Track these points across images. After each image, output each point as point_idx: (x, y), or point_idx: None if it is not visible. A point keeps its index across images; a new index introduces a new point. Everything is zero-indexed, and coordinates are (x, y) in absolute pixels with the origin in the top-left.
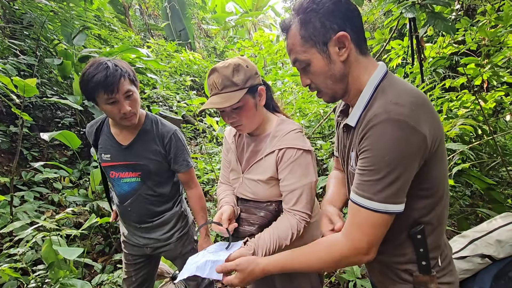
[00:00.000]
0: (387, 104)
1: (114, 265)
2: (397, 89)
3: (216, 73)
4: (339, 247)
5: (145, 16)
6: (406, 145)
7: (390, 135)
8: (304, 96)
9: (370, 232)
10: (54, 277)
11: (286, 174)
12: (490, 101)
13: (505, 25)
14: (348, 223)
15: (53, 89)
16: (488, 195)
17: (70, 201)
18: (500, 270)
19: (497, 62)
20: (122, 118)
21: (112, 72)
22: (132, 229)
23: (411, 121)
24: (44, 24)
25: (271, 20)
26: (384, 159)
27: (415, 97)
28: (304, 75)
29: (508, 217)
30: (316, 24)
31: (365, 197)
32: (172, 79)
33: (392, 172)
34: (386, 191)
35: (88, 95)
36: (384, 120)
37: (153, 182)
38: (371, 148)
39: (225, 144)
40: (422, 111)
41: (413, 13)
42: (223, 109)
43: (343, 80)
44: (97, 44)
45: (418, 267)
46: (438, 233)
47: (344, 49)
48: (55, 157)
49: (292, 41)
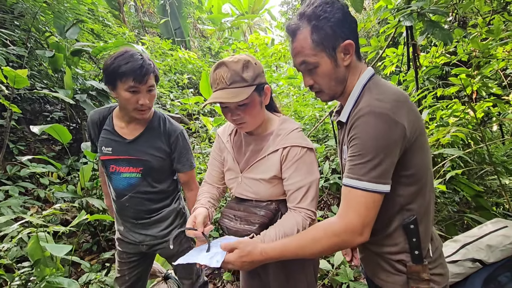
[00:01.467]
0: (371, 100)
1: (102, 264)
2: (380, 89)
3: (225, 67)
4: (334, 227)
5: (140, 13)
6: (387, 133)
7: (373, 124)
8: (299, 99)
9: (363, 211)
10: (40, 275)
11: (291, 173)
12: (479, 111)
13: (495, 38)
14: (341, 206)
15: (43, 82)
16: (475, 201)
17: (58, 197)
18: (490, 274)
19: (486, 74)
20: (135, 110)
21: (147, 64)
22: (129, 225)
23: (391, 114)
24: (36, 15)
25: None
26: (368, 144)
27: (396, 95)
28: (309, 76)
29: (498, 223)
30: (327, 31)
31: (355, 178)
32: (166, 77)
33: (376, 156)
34: (372, 172)
35: (111, 78)
36: (368, 112)
37: (153, 179)
38: (357, 137)
39: (217, 143)
40: (401, 106)
41: (411, 22)
42: (228, 104)
43: (343, 82)
44: (90, 38)
45: (411, 256)
46: (427, 223)
47: (348, 56)
48: (43, 152)
49: (301, 44)
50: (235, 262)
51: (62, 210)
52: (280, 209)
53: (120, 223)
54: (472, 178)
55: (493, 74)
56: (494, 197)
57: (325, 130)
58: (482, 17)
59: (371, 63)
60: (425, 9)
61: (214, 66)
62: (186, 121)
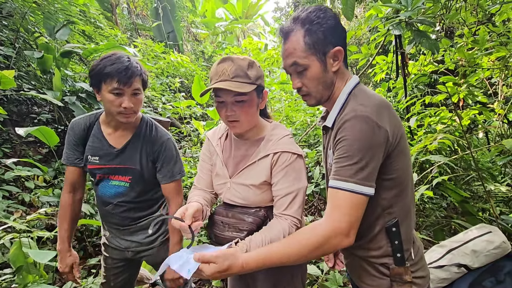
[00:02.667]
0: (356, 105)
1: (88, 270)
2: (364, 95)
3: (230, 62)
4: (320, 229)
5: (132, 15)
6: (371, 136)
7: (358, 127)
8: (291, 104)
9: (349, 212)
10: (22, 282)
11: (280, 178)
12: (465, 119)
13: (481, 48)
14: (328, 207)
15: (31, 83)
16: (462, 207)
17: (43, 202)
18: (475, 279)
19: (472, 82)
20: (119, 113)
21: (133, 66)
22: (114, 231)
23: (374, 117)
24: (25, 15)
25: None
26: (354, 147)
27: (378, 101)
28: (298, 78)
29: (483, 228)
30: (319, 36)
31: (341, 180)
32: (158, 81)
33: (362, 159)
34: (359, 174)
35: (96, 79)
36: (353, 117)
37: (142, 188)
38: (343, 139)
39: (207, 147)
40: (383, 111)
41: (400, 31)
42: (225, 98)
43: (330, 87)
44: (81, 40)
45: (394, 259)
46: (407, 226)
47: (337, 62)
48: (29, 155)
49: (293, 46)
50: (211, 276)
51: (47, 214)
52: (269, 216)
53: (106, 228)
54: (459, 184)
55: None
56: (480, 203)
57: (316, 135)
58: (468, 27)
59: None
60: (413, 19)
61: (219, 60)
62: (178, 125)
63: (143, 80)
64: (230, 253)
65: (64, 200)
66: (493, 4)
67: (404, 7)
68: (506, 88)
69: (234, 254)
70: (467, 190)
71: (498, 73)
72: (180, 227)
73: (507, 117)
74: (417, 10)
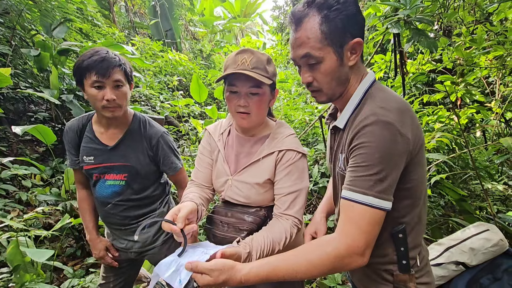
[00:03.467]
0: (375, 108)
1: (86, 269)
2: (384, 96)
3: (250, 53)
4: (333, 246)
5: (130, 13)
6: (393, 145)
7: (380, 134)
8: (289, 103)
9: (366, 229)
10: (19, 281)
11: (282, 176)
12: (463, 118)
13: (478, 47)
14: (342, 221)
15: (28, 81)
16: (459, 206)
17: (41, 200)
18: (472, 277)
19: (470, 81)
20: (104, 108)
21: (110, 57)
22: (116, 232)
23: (396, 124)
24: (21, 12)
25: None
26: (375, 156)
27: (400, 104)
28: (310, 71)
29: (481, 226)
30: (338, 24)
31: (359, 192)
32: (156, 79)
33: (382, 170)
34: (378, 186)
35: (78, 77)
36: (374, 122)
37: (139, 185)
38: (362, 146)
39: (207, 140)
40: (406, 117)
41: (398, 29)
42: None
43: (344, 84)
44: (78, 38)
45: (399, 266)
46: (417, 233)
47: (355, 55)
48: (26, 153)
49: (307, 35)
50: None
51: (44, 213)
52: (269, 216)
53: (109, 230)
54: (457, 183)
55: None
56: (477, 201)
57: (314, 134)
58: (466, 26)
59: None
60: (411, 17)
61: (237, 51)
62: (176, 124)
63: (125, 72)
64: (229, 266)
65: (79, 196)
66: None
67: (403, 6)
68: (503, 87)
69: (233, 268)
70: (465, 188)
71: (496, 72)
72: (171, 230)
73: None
74: (415, 8)
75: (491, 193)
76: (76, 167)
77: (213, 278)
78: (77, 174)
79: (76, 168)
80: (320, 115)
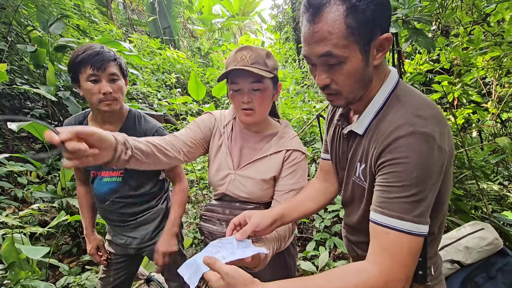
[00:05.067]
0: (410, 116)
1: (82, 267)
2: (416, 100)
3: (249, 50)
4: (370, 279)
5: (128, 10)
6: (433, 161)
7: (418, 148)
8: (287, 102)
9: (406, 261)
10: (14, 278)
11: (287, 174)
12: (460, 118)
13: (476, 48)
14: (375, 250)
15: (24, 78)
16: (455, 205)
17: (36, 197)
18: (467, 275)
19: (467, 82)
20: (101, 101)
21: (105, 51)
22: (116, 229)
23: (436, 136)
24: (18, 8)
25: (257, 26)
26: (412, 175)
27: (435, 110)
28: (328, 73)
29: (476, 225)
30: (368, 16)
31: (394, 216)
32: (154, 77)
33: (422, 191)
34: (416, 209)
35: (73, 72)
36: (410, 133)
37: (136, 181)
38: (396, 163)
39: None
40: (444, 127)
41: (397, 29)
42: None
43: (367, 86)
44: (75, 34)
45: (415, 277)
46: (437, 243)
47: (382, 53)
48: (22, 150)
49: (329, 28)
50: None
51: (40, 210)
52: None
53: (109, 226)
54: (453, 182)
55: (473, 82)
56: (473, 201)
57: (312, 133)
58: (464, 27)
59: None
60: (409, 16)
61: (237, 48)
62: (174, 121)
63: (121, 66)
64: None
65: (78, 192)
66: (488, 4)
67: (401, 5)
68: (499, 88)
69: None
70: (461, 188)
71: (492, 73)
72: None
73: (500, 117)
74: (414, 8)
75: (486, 193)
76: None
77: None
78: (76, 171)
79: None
80: (318, 114)
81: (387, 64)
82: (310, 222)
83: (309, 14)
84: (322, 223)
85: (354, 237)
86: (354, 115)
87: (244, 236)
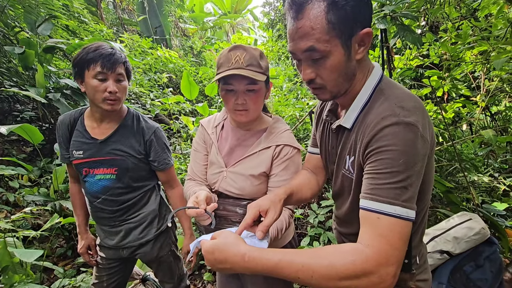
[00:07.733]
0: (394, 107)
1: (77, 269)
2: (399, 93)
3: (243, 50)
4: (363, 258)
5: (118, 9)
6: (417, 149)
7: (403, 137)
8: (281, 99)
9: (398, 244)
10: (8, 282)
11: (280, 170)
12: (450, 112)
13: (464, 42)
14: (367, 235)
15: (13, 80)
16: (446, 197)
17: (29, 201)
18: (456, 264)
19: (456, 76)
20: (104, 100)
21: (118, 53)
22: (106, 229)
23: (419, 126)
24: (4, 9)
25: (250, 24)
26: (399, 161)
27: (417, 102)
28: (313, 67)
29: (464, 216)
30: (348, 12)
31: (384, 201)
32: (146, 77)
33: (409, 176)
34: (404, 194)
35: (79, 68)
36: (395, 123)
37: (129, 180)
38: (383, 150)
39: (201, 135)
40: (425, 118)
41: (385, 25)
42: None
43: (351, 80)
44: (65, 35)
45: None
46: (420, 231)
47: (363, 48)
48: (12, 153)
49: (312, 24)
50: (205, 253)
51: (33, 214)
52: None
53: (99, 228)
54: (443, 175)
55: (462, 76)
56: (464, 193)
57: (305, 129)
58: (452, 22)
59: None
60: (397, 12)
61: (230, 47)
62: (167, 121)
63: (127, 68)
64: (234, 237)
65: (72, 190)
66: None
67: (388, 1)
68: (488, 82)
69: (238, 242)
70: (452, 181)
71: (481, 67)
72: (197, 214)
73: (490, 110)
74: (401, 4)
75: (477, 185)
76: (67, 162)
77: (218, 239)
78: (70, 168)
79: (68, 163)
80: (310, 111)
81: (370, 59)
82: (304, 218)
83: (292, 11)
84: (316, 219)
85: (344, 229)
86: (342, 110)
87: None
